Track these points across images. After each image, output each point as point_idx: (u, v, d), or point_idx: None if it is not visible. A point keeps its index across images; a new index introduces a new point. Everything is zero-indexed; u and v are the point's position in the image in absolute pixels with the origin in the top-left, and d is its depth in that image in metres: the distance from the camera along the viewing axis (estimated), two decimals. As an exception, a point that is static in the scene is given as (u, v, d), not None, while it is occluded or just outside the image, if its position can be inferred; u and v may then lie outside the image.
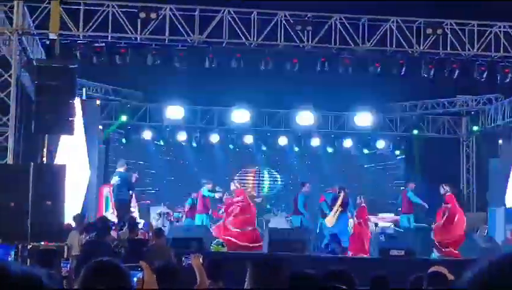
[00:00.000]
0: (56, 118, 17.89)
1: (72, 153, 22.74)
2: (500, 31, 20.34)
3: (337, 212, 21.52)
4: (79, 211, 19.73)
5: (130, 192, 22.38)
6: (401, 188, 26.35)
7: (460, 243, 20.83)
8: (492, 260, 1.85)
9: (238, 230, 21.20)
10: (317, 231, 22.34)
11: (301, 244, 20.17)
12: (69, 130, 18.49)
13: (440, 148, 29.27)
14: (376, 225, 23.43)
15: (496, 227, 22.38)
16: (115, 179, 22.51)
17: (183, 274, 8.37)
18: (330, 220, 21.53)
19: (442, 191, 21.81)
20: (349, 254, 20.99)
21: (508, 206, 23.49)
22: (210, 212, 23.22)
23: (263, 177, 30.58)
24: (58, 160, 20.73)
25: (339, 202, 21.57)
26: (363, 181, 29.59)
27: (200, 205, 22.95)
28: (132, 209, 22.66)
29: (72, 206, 19.98)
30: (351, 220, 21.90)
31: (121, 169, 22.60)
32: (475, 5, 20.50)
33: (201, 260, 8.85)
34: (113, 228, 18.79)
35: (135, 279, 5.61)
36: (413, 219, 22.94)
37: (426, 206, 22.61)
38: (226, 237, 20.85)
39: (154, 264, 7.34)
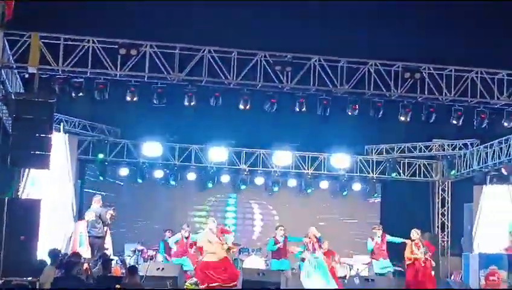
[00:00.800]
0: (33, 152, 17.80)
1: (48, 188, 22.64)
2: (477, 77, 20.54)
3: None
4: (54, 246, 19.55)
5: (105, 228, 22.22)
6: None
7: None
8: None
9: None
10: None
11: (274, 285, 20.07)
12: (45, 164, 18.38)
13: (415, 192, 29.37)
14: (351, 267, 23.37)
15: (470, 272, 22.39)
16: (89, 215, 22.35)
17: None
18: None
19: (415, 236, 21.71)
20: None
21: (478, 251, 23.56)
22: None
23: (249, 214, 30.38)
24: (32, 195, 20.61)
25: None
26: (339, 222, 29.62)
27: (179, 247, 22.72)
28: (106, 245, 22.48)
29: (47, 241, 19.83)
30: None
31: (96, 205, 22.46)
32: (453, 51, 20.73)
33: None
34: (85, 264, 18.64)
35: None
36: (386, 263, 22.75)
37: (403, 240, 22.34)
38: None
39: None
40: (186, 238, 22.08)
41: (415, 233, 21.35)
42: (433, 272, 21.29)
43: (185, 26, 21.33)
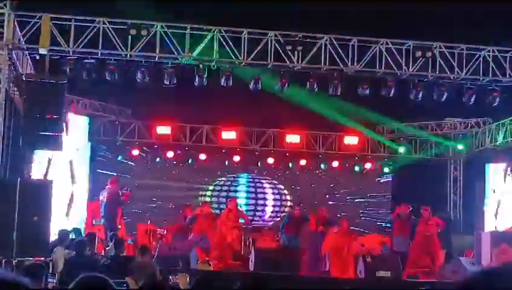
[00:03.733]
0: (44, 133, 17.87)
1: (60, 169, 22.74)
2: (489, 55, 20.46)
3: None
4: (64, 227, 19.65)
5: (119, 208, 22.39)
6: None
7: None
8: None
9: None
10: None
11: (289, 264, 20.21)
12: (57, 146, 18.46)
13: (427, 171, 29.32)
14: (363, 245, 23.38)
15: (482, 251, 22.35)
16: (103, 195, 22.49)
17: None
18: None
19: (425, 213, 21.82)
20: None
21: (493, 229, 23.54)
22: None
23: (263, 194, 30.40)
24: (45, 175, 20.72)
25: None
26: (351, 202, 29.66)
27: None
28: (119, 225, 22.59)
29: (58, 221, 19.93)
30: None
31: (111, 185, 22.60)
32: (464, 29, 20.62)
33: (187, 279, 8.83)
34: (99, 243, 18.76)
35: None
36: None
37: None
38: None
39: (140, 281, 7.31)
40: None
41: (424, 210, 21.53)
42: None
43: (195, 5, 21.24)
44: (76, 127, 24.26)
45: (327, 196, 29.59)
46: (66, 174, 23.67)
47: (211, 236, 21.90)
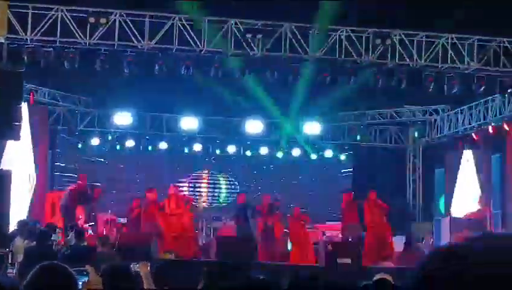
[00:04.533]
0: (2, 123, 17.68)
1: (18, 158, 22.50)
2: (447, 42, 20.60)
3: None
4: (23, 217, 19.49)
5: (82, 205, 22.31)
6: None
7: None
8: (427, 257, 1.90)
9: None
10: None
11: (248, 252, 20.25)
12: (15, 135, 18.29)
13: (387, 159, 29.53)
14: (324, 233, 23.50)
15: (441, 237, 22.59)
16: (67, 190, 22.43)
17: (130, 281, 8.30)
18: None
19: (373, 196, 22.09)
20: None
21: (453, 215, 23.77)
22: None
23: (219, 183, 30.41)
24: (3, 165, 20.49)
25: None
26: (311, 190, 29.77)
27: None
28: (79, 215, 22.45)
29: (17, 212, 19.74)
30: None
31: (80, 181, 22.56)
32: (423, 17, 20.71)
33: (148, 268, 8.78)
34: (60, 233, 18.61)
35: (80, 283, 5.55)
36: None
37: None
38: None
39: (100, 269, 7.26)
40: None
41: (370, 194, 21.76)
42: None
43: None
44: (34, 116, 23.97)
45: (288, 184, 29.67)
46: (28, 164, 23.44)
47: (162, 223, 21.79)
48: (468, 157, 25.69)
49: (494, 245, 1.80)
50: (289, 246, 21.66)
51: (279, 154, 29.56)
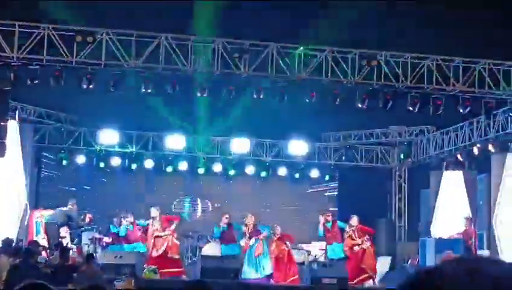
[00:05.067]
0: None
1: (4, 176, 22.43)
2: (433, 64, 20.71)
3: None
4: (8, 235, 19.41)
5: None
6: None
7: None
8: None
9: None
10: None
11: (233, 271, 20.24)
12: (0, 152, 18.24)
13: (372, 179, 29.58)
14: (309, 253, 23.49)
15: (426, 257, 22.63)
16: (60, 214, 22.40)
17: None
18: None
19: (355, 222, 21.94)
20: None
21: (435, 236, 23.82)
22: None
23: (196, 204, 30.36)
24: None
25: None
26: (296, 208, 29.78)
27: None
28: (64, 234, 22.37)
29: (3, 229, 19.68)
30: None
31: (67, 208, 22.53)
32: (409, 39, 20.87)
33: (133, 284, 8.77)
34: (43, 252, 18.54)
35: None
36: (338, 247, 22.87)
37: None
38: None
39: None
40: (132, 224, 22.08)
41: (355, 219, 21.64)
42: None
43: (141, 13, 21.18)
44: (18, 134, 23.90)
45: (273, 203, 29.66)
46: (17, 181, 23.37)
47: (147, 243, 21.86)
48: (453, 177, 25.79)
49: (463, 270, 1.83)
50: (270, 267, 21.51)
51: (263, 174, 29.56)
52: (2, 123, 17.95)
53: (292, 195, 30.32)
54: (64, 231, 22.43)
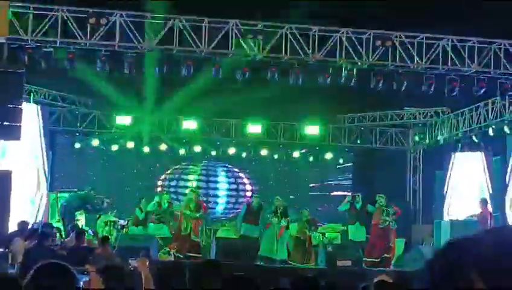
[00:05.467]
0: (3, 123, 17.67)
1: (20, 159, 22.47)
2: (447, 45, 20.56)
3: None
4: (25, 219, 19.46)
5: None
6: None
7: None
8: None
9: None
10: None
11: (248, 253, 20.31)
12: (16, 136, 18.26)
13: (387, 160, 29.49)
14: (324, 234, 23.48)
15: (441, 239, 22.58)
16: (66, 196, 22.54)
17: (129, 278, 8.28)
18: None
19: (382, 201, 21.98)
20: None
21: (450, 218, 23.78)
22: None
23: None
24: (4, 165, 20.47)
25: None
26: (311, 192, 29.79)
27: None
28: (79, 217, 22.44)
29: (20, 212, 19.74)
30: None
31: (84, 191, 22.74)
32: (424, 19, 20.71)
33: (147, 264, 8.76)
34: (58, 234, 18.59)
35: (81, 283, 5.53)
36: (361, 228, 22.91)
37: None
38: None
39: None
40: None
41: (381, 199, 21.71)
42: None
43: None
44: (33, 117, 23.93)
45: (289, 186, 29.67)
46: (34, 164, 23.45)
47: (171, 227, 21.99)
48: (468, 159, 25.70)
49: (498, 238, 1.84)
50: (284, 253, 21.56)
51: (279, 157, 29.59)
52: (17, 106, 17.95)
53: (305, 178, 30.29)
54: (79, 214, 22.51)
